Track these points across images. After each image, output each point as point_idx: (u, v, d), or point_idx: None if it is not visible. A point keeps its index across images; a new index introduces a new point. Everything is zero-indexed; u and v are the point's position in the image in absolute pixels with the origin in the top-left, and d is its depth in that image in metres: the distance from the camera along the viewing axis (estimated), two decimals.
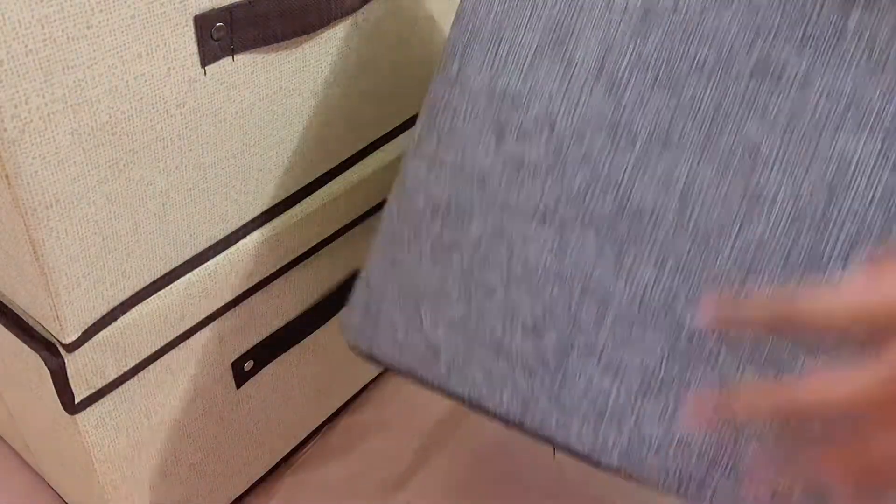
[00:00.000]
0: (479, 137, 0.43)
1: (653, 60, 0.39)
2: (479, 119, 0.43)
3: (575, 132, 0.41)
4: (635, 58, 0.40)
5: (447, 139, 0.44)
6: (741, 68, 0.38)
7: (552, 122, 0.41)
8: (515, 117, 0.42)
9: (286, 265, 0.55)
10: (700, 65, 0.39)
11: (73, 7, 0.34)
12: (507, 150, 0.42)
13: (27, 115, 0.34)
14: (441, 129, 0.44)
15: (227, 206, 0.48)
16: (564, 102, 0.41)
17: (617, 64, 0.40)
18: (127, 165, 0.40)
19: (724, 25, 0.38)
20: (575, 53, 0.41)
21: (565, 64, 0.41)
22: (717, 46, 0.38)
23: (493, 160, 0.42)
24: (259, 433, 0.63)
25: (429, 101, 0.45)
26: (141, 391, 0.50)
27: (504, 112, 0.42)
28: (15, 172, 0.35)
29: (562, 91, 0.41)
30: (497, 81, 0.42)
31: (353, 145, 0.57)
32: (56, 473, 0.61)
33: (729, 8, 0.38)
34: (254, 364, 0.58)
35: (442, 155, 0.44)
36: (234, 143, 0.46)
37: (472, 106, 0.43)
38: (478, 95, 0.43)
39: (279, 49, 0.45)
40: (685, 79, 0.39)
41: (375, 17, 0.52)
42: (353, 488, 0.69)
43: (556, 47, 0.41)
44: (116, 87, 0.37)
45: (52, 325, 0.43)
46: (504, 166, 0.42)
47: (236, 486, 0.65)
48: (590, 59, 0.40)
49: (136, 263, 0.45)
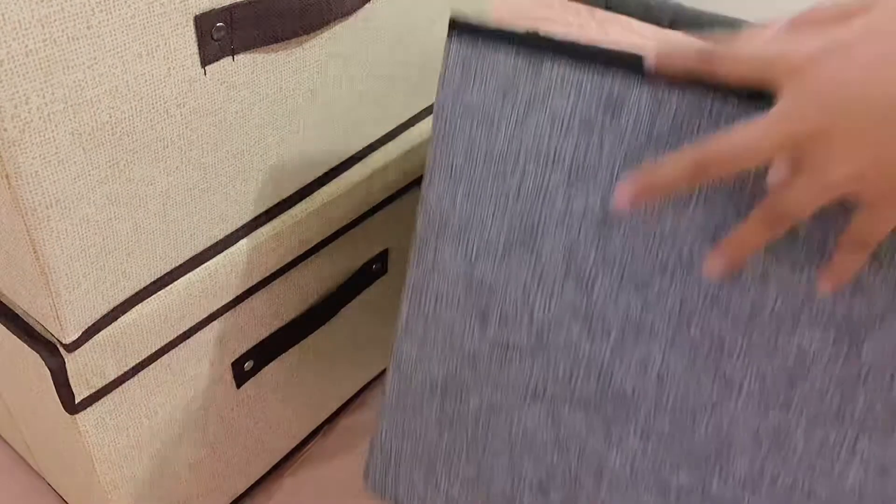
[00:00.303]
0: (464, 321, 0.46)
1: (617, 261, 0.42)
2: (462, 305, 0.46)
3: (553, 320, 0.44)
4: (600, 258, 0.42)
5: (434, 322, 0.47)
6: (702, 268, 0.41)
7: (531, 311, 0.44)
8: (495, 303, 0.45)
9: (286, 265, 0.55)
10: (663, 265, 0.41)
11: (73, 7, 0.34)
12: (492, 335, 0.45)
13: (27, 115, 0.34)
14: (426, 314, 0.47)
15: (228, 206, 0.48)
16: (540, 293, 0.44)
17: (583, 263, 0.42)
18: (127, 165, 0.40)
19: (682, 228, 0.40)
20: (542, 250, 0.43)
21: (535, 257, 0.43)
22: (677, 248, 0.41)
23: (480, 343, 0.46)
24: (259, 433, 0.63)
25: (411, 285, 0.47)
26: (141, 391, 0.50)
27: (484, 298, 0.45)
28: (15, 172, 0.35)
29: (535, 282, 0.44)
30: (473, 270, 0.45)
31: (353, 145, 0.57)
32: (56, 473, 0.61)
33: (685, 212, 0.40)
34: (254, 364, 0.58)
35: (431, 336, 0.47)
36: (235, 143, 0.46)
37: (453, 292, 0.46)
38: (456, 282, 0.45)
39: (279, 49, 0.45)
40: (650, 277, 0.41)
41: (375, 17, 0.52)
42: (353, 488, 0.69)
43: (525, 242, 0.43)
44: (117, 88, 0.37)
45: (52, 324, 0.43)
46: (492, 348, 0.46)
47: (236, 486, 0.65)
48: (557, 256, 0.43)
49: (137, 263, 0.45)
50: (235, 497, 0.66)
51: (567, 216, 0.42)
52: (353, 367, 0.73)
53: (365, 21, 0.51)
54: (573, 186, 0.42)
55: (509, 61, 0.41)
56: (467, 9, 0.61)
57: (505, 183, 0.43)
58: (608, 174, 0.41)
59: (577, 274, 0.43)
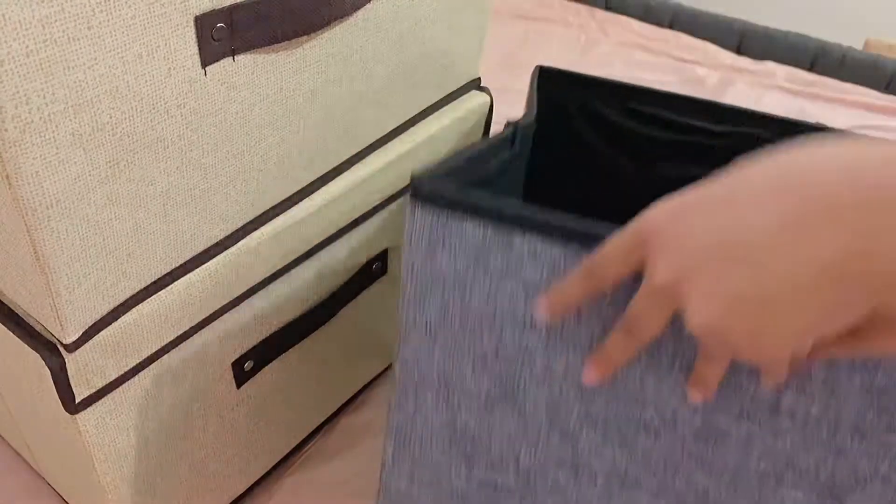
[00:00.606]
0: (451, 464, 0.46)
1: (601, 419, 0.42)
2: (448, 450, 0.46)
3: (540, 468, 0.44)
4: (583, 415, 0.42)
5: (421, 462, 0.47)
6: (686, 430, 0.41)
7: (516, 458, 0.45)
8: (481, 451, 0.45)
9: (286, 265, 0.55)
10: (646, 424, 0.42)
11: (73, 8, 0.34)
12: (479, 476, 0.46)
13: (28, 115, 0.34)
14: (413, 454, 0.47)
15: (228, 206, 0.49)
16: (525, 443, 0.44)
17: (567, 419, 0.43)
18: (128, 166, 0.40)
19: (665, 393, 0.41)
20: (525, 405, 0.43)
21: (518, 411, 0.44)
22: (661, 410, 0.41)
23: (468, 483, 0.46)
24: (259, 433, 0.63)
25: (395, 426, 0.47)
26: (141, 391, 0.50)
27: (469, 446, 0.45)
28: (16, 173, 0.35)
29: (520, 433, 0.44)
30: (456, 421, 0.45)
31: (353, 145, 0.57)
32: (56, 473, 0.61)
33: (667, 380, 0.40)
34: (254, 364, 0.58)
35: (419, 475, 0.48)
36: (235, 143, 0.46)
37: (438, 439, 0.46)
38: (441, 430, 0.46)
39: (279, 49, 0.45)
40: (634, 435, 0.42)
41: (375, 17, 0.52)
42: (353, 488, 0.69)
43: (507, 397, 0.43)
44: (117, 88, 0.38)
45: (52, 325, 0.43)
46: (480, 488, 0.46)
47: (236, 486, 0.65)
48: (540, 412, 0.43)
49: (137, 263, 0.45)
50: (235, 497, 0.66)
51: (548, 376, 0.42)
52: (353, 366, 0.73)
53: (365, 21, 0.51)
54: (552, 348, 0.41)
55: (478, 232, 0.39)
56: (467, 9, 0.61)
57: (483, 343, 0.42)
58: (587, 337, 0.40)
59: (561, 427, 0.43)
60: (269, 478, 0.69)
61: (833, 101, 1.27)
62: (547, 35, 1.44)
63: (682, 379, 0.40)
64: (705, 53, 1.38)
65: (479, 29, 0.64)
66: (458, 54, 0.63)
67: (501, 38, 1.39)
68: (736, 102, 1.23)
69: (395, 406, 0.46)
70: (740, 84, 1.29)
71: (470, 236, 0.40)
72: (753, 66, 1.34)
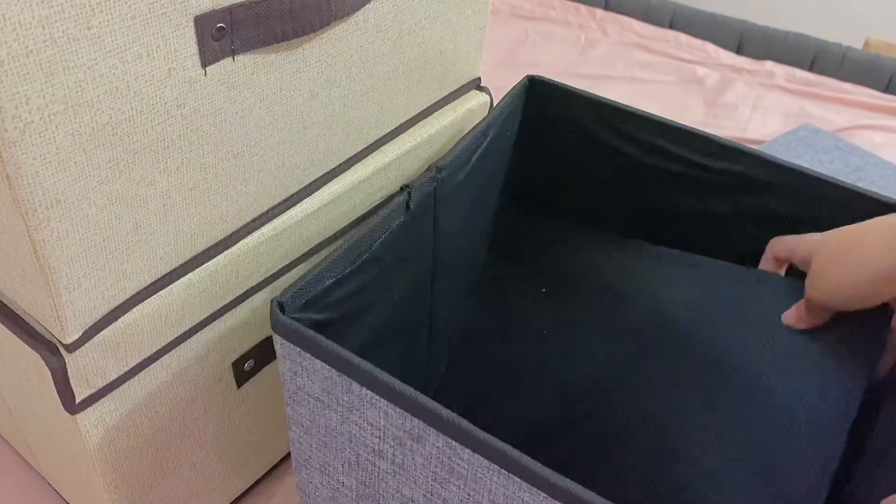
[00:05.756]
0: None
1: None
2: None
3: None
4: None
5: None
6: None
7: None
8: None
9: (286, 265, 0.55)
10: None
11: (73, 8, 0.34)
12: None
13: (28, 115, 0.34)
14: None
15: (228, 206, 0.49)
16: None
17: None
18: (128, 166, 0.40)
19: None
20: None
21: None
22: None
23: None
24: (259, 433, 0.63)
25: (299, 484, 0.52)
26: (141, 391, 0.50)
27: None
28: (16, 173, 0.36)
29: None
30: (338, 498, 0.50)
31: (353, 145, 0.57)
32: (56, 473, 0.61)
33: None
34: (254, 364, 0.58)
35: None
36: (235, 143, 0.46)
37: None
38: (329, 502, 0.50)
39: (279, 49, 0.45)
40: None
41: (375, 17, 0.52)
42: None
43: (372, 498, 0.47)
44: (117, 88, 0.38)
45: (52, 325, 0.43)
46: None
47: (236, 486, 0.65)
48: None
49: (137, 264, 0.45)
50: (235, 497, 0.66)
51: (400, 498, 0.44)
52: None
53: (365, 21, 0.51)
54: (399, 477, 0.43)
55: (325, 372, 0.42)
56: (466, 9, 0.61)
57: (345, 454, 0.46)
58: (425, 479, 0.42)
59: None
60: (269, 478, 0.69)
61: (833, 101, 1.27)
62: (547, 35, 1.44)
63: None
64: (705, 53, 1.38)
65: (479, 29, 0.64)
66: (458, 54, 0.63)
67: (501, 38, 1.39)
68: (736, 102, 1.24)
69: (295, 467, 0.51)
70: (740, 84, 1.29)
71: (320, 373, 0.43)
72: (753, 66, 1.34)
